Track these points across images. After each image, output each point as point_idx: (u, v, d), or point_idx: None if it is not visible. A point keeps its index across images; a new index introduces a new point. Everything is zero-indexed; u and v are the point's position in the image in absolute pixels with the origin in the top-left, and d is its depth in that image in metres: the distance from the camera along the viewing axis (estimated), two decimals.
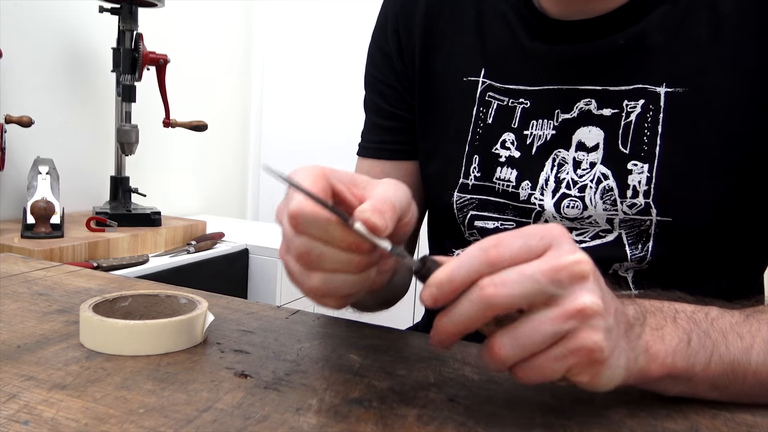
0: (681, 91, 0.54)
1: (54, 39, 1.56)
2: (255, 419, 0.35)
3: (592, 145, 0.57)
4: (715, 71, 0.53)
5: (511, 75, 0.61)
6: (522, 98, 0.60)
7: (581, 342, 0.34)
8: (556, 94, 0.58)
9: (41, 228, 1.29)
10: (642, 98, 0.55)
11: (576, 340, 0.34)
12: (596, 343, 0.34)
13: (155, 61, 1.57)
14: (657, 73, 0.55)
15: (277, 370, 0.43)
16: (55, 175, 1.42)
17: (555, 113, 0.58)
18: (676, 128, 0.54)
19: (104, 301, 0.49)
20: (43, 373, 0.40)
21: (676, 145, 0.54)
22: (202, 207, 2.17)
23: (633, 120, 0.55)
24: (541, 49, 0.59)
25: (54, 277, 0.63)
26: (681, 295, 0.45)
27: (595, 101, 0.57)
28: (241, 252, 1.70)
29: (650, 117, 0.55)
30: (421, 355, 0.48)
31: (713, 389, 0.41)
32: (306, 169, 0.37)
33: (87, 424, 0.34)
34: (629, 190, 0.55)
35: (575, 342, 0.34)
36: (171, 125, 1.68)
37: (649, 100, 0.55)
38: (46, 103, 1.55)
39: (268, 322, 0.53)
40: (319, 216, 0.34)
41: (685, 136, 0.54)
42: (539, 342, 0.34)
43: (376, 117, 0.70)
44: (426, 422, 0.36)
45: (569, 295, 0.34)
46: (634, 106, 0.55)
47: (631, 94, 0.55)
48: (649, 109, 0.55)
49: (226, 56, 2.24)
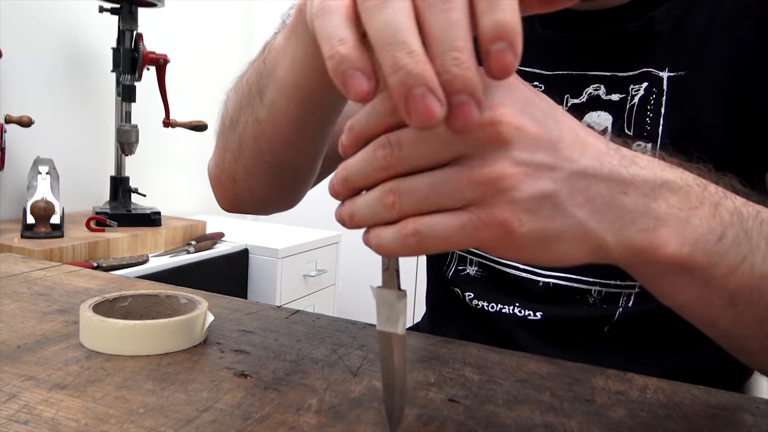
0: (682, 74, 0.55)
1: (54, 39, 1.56)
2: (255, 419, 0.35)
3: (600, 129, 0.58)
4: (713, 49, 0.54)
5: (526, 59, 0.62)
6: (536, 81, 0.61)
7: (489, 216, 0.28)
8: (566, 80, 0.59)
9: (41, 228, 1.29)
10: (646, 81, 0.56)
11: (484, 212, 0.28)
12: (508, 222, 0.28)
13: (155, 61, 1.57)
14: (661, 59, 0.56)
15: (277, 370, 0.43)
16: (55, 175, 1.42)
17: (565, 98, 0.60)
18: (678, 108, 0.55)
19: (104, 301, 0.49)
20: (43, 373, 0.40)
21: (678, 124, 0.55)
22: (201, 207, 2.17)
23: (636, 102, 0.57)
24: (552, 36, 0.60)
25: (54, 277, 0.63)
26: (734, 184, 0.38)
27: (604, 87, 0.58)
28: (241, 252, 1.70)
29: (653, 99, 0.56)
30: (421, 355, 0.48)
31: (730, 306, 0.35)
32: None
33: (87, 424, 0.34)
34: None
35: (483, 215, 0.28)
36: (171, 125, 1.68)
37: (653, 83, 0.56)
38: (46, 103, 1.55)
39: (268, 322, 0.53)
40: None
41: (687, 114, 0.55)
42: (434, 201, 0.28)
43: None
44: (426, 422, 0.36)
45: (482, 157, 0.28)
46: (637, 90, 0.57)
47: (636, 79, 0.57)
48: (652, 92, 0.56)
49: (226, 56, 2.24)
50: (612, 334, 0.59)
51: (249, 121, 0.50)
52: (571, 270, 0.60)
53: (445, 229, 0.28)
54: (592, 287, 0.59)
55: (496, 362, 0.46)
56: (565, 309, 0.60)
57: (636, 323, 0.58)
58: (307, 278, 1.86)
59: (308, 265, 1.86)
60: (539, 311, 0.61)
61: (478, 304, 0.64)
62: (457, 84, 0.25)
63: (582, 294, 0.59)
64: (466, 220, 0.28)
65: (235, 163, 0.54)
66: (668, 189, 0.32)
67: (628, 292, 0.58)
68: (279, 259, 1.70)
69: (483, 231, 0.28)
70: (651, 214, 0.31)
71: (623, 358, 0.59)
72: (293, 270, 1.77)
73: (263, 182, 0.54)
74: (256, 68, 0.49)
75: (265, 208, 0.62)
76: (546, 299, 0.61)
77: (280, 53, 0.44)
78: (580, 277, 0.59)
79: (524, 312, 0.61)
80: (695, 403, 0.42)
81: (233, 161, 0.55)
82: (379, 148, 0.29)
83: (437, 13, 0.24)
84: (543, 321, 0.61)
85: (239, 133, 0.52)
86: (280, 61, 0.44)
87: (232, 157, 0.54)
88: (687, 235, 0.32)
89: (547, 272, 0.60)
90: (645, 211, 0.31)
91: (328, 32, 0.26)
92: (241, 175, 0.55)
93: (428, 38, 0.25)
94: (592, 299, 0.59)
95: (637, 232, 0.31)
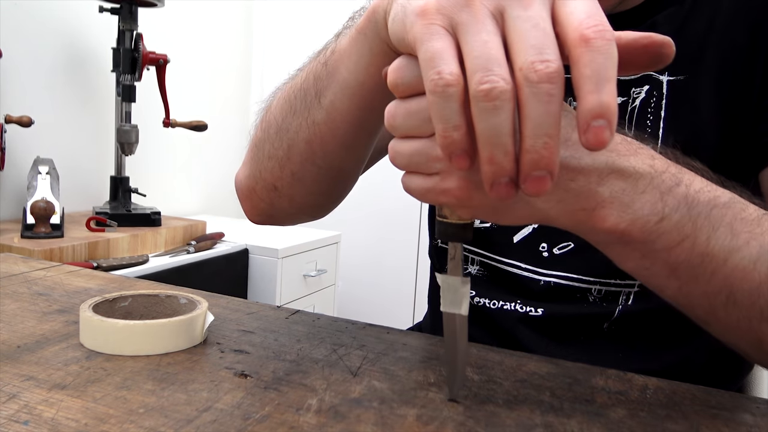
0: (682, 78, 0.56)
1: (54, 39, 1.56)
2: (255, 419, 0.35)
3: None
4: (710, 55, 0.55)
5: None
6: None
7: (444, 187, 0.35)
8: (568, 84, 0.59)
9: (41, 228, 1.29)
10: (646, 84, 0.57)
11: (442, 182, 0.35)
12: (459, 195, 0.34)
13: (155, 61, 1.57)
14: None
15: (277, 370, 0.43)
16: (55, 175, 1.42)
17: (568, 101, 0.59)
18: (677, 112, 0.56)
19: (104, 301, 0.48)
20: (42, 373, 0.40)
21: (677, 127, 0.56)
22: (202, 207, 2.17)
23: (637, 105, 0.57)
24: None
25: (54, 277, 0.63)
26: (703, 168, 0.42)
27: None
28: (241, 252, 1.70)
29: (653, 102, 0.56)
30: (421, 355, 0.48)
31: (672, 277, 0.39)
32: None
33: (87, 424, 0.34)
34: None
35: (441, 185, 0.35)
36: (171, 125, 1.68)
37: (653, 86, 0.56)
38: (46, 103, 1.55)
39: (268, 322, 0.53)
40: None
41: (685, 118, 0.55)
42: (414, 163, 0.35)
43: None
44: (426, 422, 0.36)
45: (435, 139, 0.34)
46: (639, 92, 0.57)
47: (636, 82, 0.57)
48: (652, 95, 0.56)
49: (226, 56, 2.24)
50: (611, 331, 0.60)
51: (303, 125, 0.51)
52: (571, 269, 0.60)
53: (418, 187, 0.36)
54: (593, 286, 0.59)
55: (496, 362, 0.46)
56: (566, 306, 0.60)
57: (635, 320, 0.58)
58: (307, 278, 1.86)
59: (308, 265, 1.86)
60: (540, 308, 0.61)
61: (480, 301, 0.64)
62: (542, 164, 0.30)
63: (582, 293, 0.60)
64: (431, 185, 0.35)
65: (280, 170, 0.54)
66: (619, 176, 0.37)
67: (628, 290, 0.58)
68: (279, 259, 1.70)
69: (443, 197, 0.35)
70: (594, 197, 0.37)
71: (622, 354, 0.59)
72: (293, 270, 1.77)
73: (309, 188, 0.55)
74: (314, 72, 0.49)
75: (299, 218, 0.62)
76: (547, 297, 0.61)
77: (345, 54, 0.45)
78: (580, 276, 0.59)
79: (525, 308, 0.62)
80: (695, 403, 0.41)
81: (278, 169, 0.54)
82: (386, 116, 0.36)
83: (540, 104, 0.29)
84: (544, 317, 0.61)
85: (289, 139, 0.52)
86: (344, 61, 0.45)
87: (277, 164, 0.54)
88: (624, 214, 0.37)
89: (548, 271, 0.61)
90: (588, 194, 0.37)
91: (446, 116, 0.31)
92: (285, 182, 0.55)
93: (526, 120, 0.30)
94: (592, 298, 0.60)
95: (578, 210, 0.37)
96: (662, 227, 0.38)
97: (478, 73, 0.29)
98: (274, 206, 0.58)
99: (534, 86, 0.29)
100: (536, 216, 0.38)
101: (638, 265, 0.40)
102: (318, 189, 0.55)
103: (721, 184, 0.41)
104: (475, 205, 0.35)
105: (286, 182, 0.55)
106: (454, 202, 0.35)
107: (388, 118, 0.36)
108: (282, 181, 0.55)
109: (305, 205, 0.58)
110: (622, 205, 0.37)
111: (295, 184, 0.55)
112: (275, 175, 0.55)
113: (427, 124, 0.34)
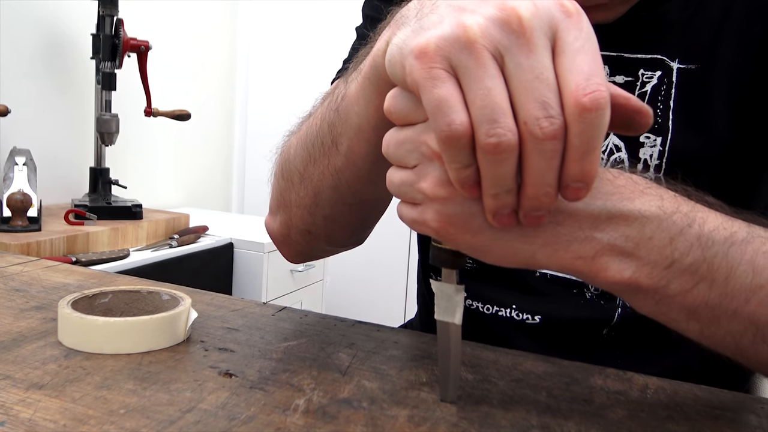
0: (693, 68, 0.55)
1: (32, 25, 1.53)
2: (240, 420, 0.35)
3: None
4: (725, 46, 0.54)
5: None
6: None
7: (424, 220, 0.35)
8: None
9: (18, 221, 1.27)
10: (659, 70, 0.56)
11: (422, 214, 0.35)
12: (437, 230, 0.35)
13: (136, 48, 1.55)
14: (672, 48, 0.55)
15: (263, 369, 0.42)
16: (32, 166, 1.40)
17: None
18: (688, 104, 0.55)
19: (83, 298, 0.48)
20: (19, 372, 0.39)
21: (686, 119, 0.55)
22: (184, 199, 2.15)
23: (648, 91, 0.56)
24: None
25: (31, 273, 0.62)
26: (717, 203, 0.39)
27: (609, 67, 0.57)
28: (226, 246, 1.68)
29: (663, 90, 0.56)
30: (413, 353, 0.47)
31: (692, 320, 0.37)
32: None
33: (65, 425, 0.33)
34: (640, 164, 0.56)
35: (421, 216, 0.35)
36: (153, 114, 1.65)
37: (665, 73, 0.56)
38: (23, 91, 1.53)
39: (254, 319, 0.52)
40: None
41: (696, 110, 0.55)
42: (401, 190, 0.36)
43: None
44: (417, 423, 0.36)
45: (418, 171, 0.35)
46: (650, 77, 0.56)
47: (647, 64, 0.56)
48: (663, 82, 0.56)
49: (210, 43, 2.21)
50: (611, 337, 0.59)
51: (325, 173, 0.51)
52: None
53: (405, 216, 0.36)
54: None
55: (491, 361, 0.46)
56: (564, 308, 0.59)
57: (635, 325, 0.58)
58: (294, 273, 1.85)
59: None
60: (537, 314, 0.60)
61: (473, 304, 0.63)
62: (543, 208, 0.33)
63: (579, 287, 0.59)
64: (416, 215, 0.36)
65: (311, 216, 0.55)
66: (621, 221, 0.36)
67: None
68: (265, 253, 1.69)
69: (424, 227, 0.35)
70: (590, 243, 0.35)
71: (621, 360, 0.58)
72: (280, 265, 1.76)
73: (344, 225, 0.56)
74: (327, 119, 0.50)
75: (340, 250, 0.63)
76: (543, 291, 0.60)
77: (354, 100, 0.46)
78: None
79: (522, 316, 0.61)
80: (697, 403, 0.41)
81: (308, 216, 0.55)
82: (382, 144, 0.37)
83: (543, 160, 0.31)
84: (541, 324, 0.60)
85: (314, 187, 0.53)
86: (354, 107, 0.46)
87: (307, 212, 0.55)
88: (628, 262, 0.36)
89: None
90: (583, 241, 0.35)
91: (459, 160, 0.32)
92: (318, 226, 0.55)
93: (529, 171, 0.31)
94: (589, 294, 0.59)
95: (573, 258, 0.36)
96: (673, 272, 0.36)
97: (485, 125, 0.30)
98: (311, 247, 0.59)
99: (539, 143, 0.30)
100: (520, 257, 0.36)
101: (654, 311, 0.38)
102: (354, 223, 0.57)
103: (738, 216, 0.39)
104: (452, 239, 0.35)
105: (319, 225, 0.55)
106: (433, 234, 0.35)
107: (383, 147, 0.37)
108: (315, 225, 0.56)
109: (343, 239, 0.59)
110: (624, 252, 0.35)
111: (329, 225, 0.55)
112: (307, 221, 0.56)
113: (411, 155, 0.35)
